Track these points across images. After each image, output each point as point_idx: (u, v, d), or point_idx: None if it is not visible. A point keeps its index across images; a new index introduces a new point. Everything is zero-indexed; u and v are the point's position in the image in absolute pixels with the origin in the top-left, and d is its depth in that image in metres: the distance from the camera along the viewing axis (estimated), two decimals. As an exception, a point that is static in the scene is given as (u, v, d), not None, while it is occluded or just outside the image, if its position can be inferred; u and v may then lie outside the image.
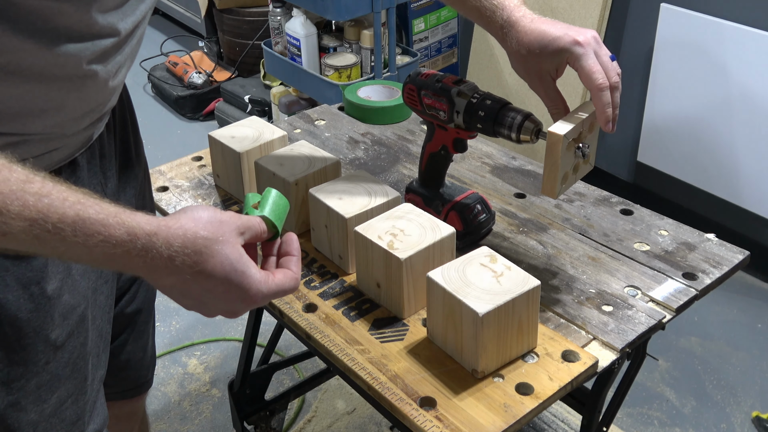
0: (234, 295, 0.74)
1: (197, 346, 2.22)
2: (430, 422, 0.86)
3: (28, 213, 0.62)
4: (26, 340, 0.82)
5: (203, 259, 0.70)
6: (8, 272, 0.79)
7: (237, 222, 0.75)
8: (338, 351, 0.97)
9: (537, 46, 0.92)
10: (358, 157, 1.41)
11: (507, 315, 0.90)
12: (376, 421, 1.93)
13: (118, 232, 0.66)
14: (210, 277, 0.71)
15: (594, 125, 1.02)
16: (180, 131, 3.40)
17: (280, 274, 0.78)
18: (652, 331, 1.00)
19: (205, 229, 0.71)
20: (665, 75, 2.34)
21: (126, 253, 0.67)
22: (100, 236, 0.65)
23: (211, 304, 0.75)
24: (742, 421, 1.93)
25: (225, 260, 0.72)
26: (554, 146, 0.95)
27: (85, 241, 0.65)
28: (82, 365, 0.89)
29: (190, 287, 0.72)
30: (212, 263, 0.71)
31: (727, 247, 1.14)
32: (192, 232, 0.70)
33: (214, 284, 0.72)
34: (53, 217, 0.63)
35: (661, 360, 2.11)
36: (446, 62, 3.12)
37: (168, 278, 0.71)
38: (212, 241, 0.71)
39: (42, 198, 0.63)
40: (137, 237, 0.67)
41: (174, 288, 0.72)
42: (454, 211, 1.15)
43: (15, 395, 0.82)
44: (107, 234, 0.65)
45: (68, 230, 0.64)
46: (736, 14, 2.13)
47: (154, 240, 0.68)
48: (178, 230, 0.70)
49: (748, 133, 2.19)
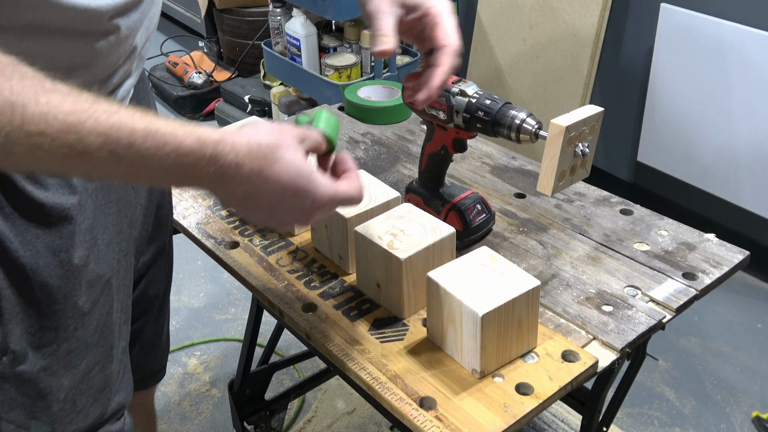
0: (302, 200, 0.75)
1: (197, 346, 2.22)
2: (430, 422, 0.86)
3: (101, 128, 0.64)
4: (56, 305, 0.84)
5: (268, 164, 0.72)
6: (39, 239, 0.81)
7: (296, 130, 0.77)
8: (338, 351, 0.97)
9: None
10: (358, 157, 1.41)
11: (507, 315, 0.90)
12: (376, 421, 1.93)
13: (187, 140, 0.68)
14: (277, 181, 0.73)
15: (594, 128, 1.02)
16: (180, 131, 3.40)
17: (345, 182, 0.80)
18: (652, 331, 1.00)
19: (267, 137, 0.73)
20: (665, 75, 2.34)
21: (196, 162, 0.68)
22: (170, 146, 0.67)
23: (282, 213, 0.76)
24: (742, 421, 1.93)
25: (290, 164, 0.73)
26: (555, 138, 0.95)
27: (156, 152, 0.66)
28: (108, 333, 0.91)
29: (259, 196, 0.74)
30: (278, 168, 0.73)
31: (727, 247, 1.14)
32: (255, 139, 0.72)
33: (282, 189, 0.74)
34: (125, 131, 0.65)
35: (661, 360, 2.11)
36: (446, 62, 3.12)
37: (238, 188, 0.72)
38: (275, 147, 0.73)
39: (112, 114, 0.65)
40: (206, 144, 0.69)
41: (245, 200, 0.74)
42: (454, 211, 1.15)
43: (47, 360, 0.85)
44: (177, 143, 0.67)
45: (140, 141, 0.65)
46: (736, 14, 2.13)
47: (221, 147, 0.70)
48: (242, 138, 0.72)
49: (748, 133, 2.19)
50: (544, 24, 2.60)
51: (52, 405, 0.88)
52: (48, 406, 0.87)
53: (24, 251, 0.80)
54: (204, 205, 1.28)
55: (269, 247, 1.17)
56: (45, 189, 0.80)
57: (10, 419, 0.86)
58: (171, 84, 3.52)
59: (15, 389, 0.85)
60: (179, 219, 1.25)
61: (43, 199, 0.80)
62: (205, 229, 1.22)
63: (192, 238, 1.22)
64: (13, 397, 0.85)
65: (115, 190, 0.92)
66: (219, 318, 2.32)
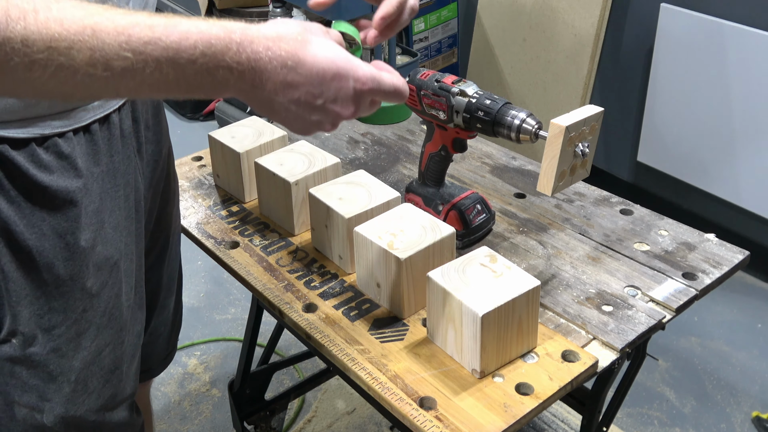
0: (345, 81, 0.70)
1: (197, 346, 2.22)
2: (430, 422, 0.86)
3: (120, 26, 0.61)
4: (64, 287, 0.85)
5: (302, 46, 0.68)
6: (44, 222, 0.82)
7: (321, 26, 0.74)
8: (338, 351, 0.97)
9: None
10: (358, 157, 1.41)
11: (507, 315, 0.90)
12: (376, 421, 1.93)
13: (212, 29, 0.65)
14: (315, 62, 0.69)
15: (594, 128, 1.02)
16: (180, 131, 3.40)
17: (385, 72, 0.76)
18: (652, 331, 1.00)
19: (294, 27, 0.69)
20: (665, 75, 2.34)
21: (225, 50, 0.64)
22: (195, 35, 0.64)
23: (326, 102, 0.71)
24: (742, 421, 1.93)
25: (324, 44, 0.70)
26: (555, 138, 0.95)
27: (182, 43, 0.63)
28: (117, 315, 0.92)
29: (299, 85, 0.69)
30: (313, 48, 0.69)
31: (727, 247, 1.14)
32: (282, 26, 0.69)
33: (322, 70, 0.69)
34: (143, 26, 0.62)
35: (661, 360, 2.11)
36: (446, 62, 3.12)
37: (274, 76, 0.67)
38: (305, 31, 0.70)
39: (127, 15, 0.63)
40: (232, 30, 0.65)
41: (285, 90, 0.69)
42: (454, 211, 1.15)
43: (56, 341, 0.86)
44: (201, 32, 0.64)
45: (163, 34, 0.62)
46: (736, 14, 2.13)
47: (248, 33, 0.66)
48: (267, 27, 0.68)
49: (748, 133, 2.19)
50: (544, 24, 2.60)
51: (63, 386, 0.88)
52: (60, 388, 0.88)
53: (30, 234, 0.81)
54: (204, 205, 1.28)
55: (269, 247, 1.17)
56: (50, 172, 0.81)
57: (23, 403, 0.87)
58: (171, 84, 3.52)
59: (27, 372, 0.86)
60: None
61: (47, 182, 0.80)
62: (205, 229, 1.22)
63: (192, 238, 1.22)
64: (25, 380, 0.86)
65: (122, 174, 0.92)
66: (219, 318, 2.32)
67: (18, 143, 0.78)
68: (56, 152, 0.81)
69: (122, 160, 0.92)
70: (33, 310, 0.84)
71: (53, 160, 0.81)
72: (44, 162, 0.80)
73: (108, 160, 0.89)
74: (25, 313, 0.84)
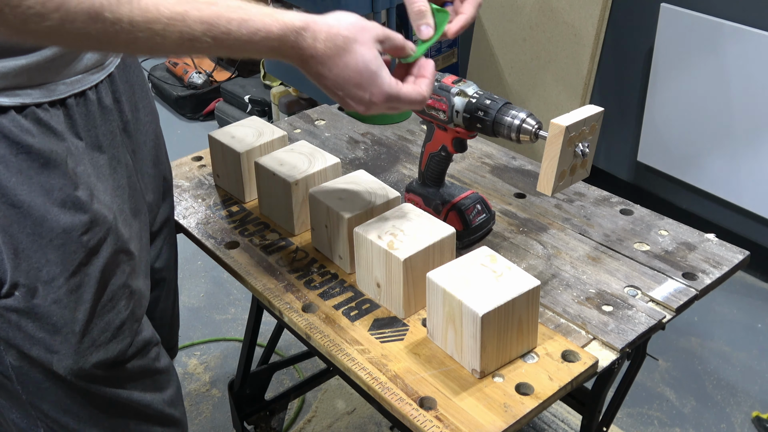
0: (362, 92, 0.87)
1: (197, 346, 2.22)
2: (430, 422, 0.86)
3: (204, 17, 0.76)
4: (58, 240, 0.89)
5: (341, 53, 0.84)
6: (32, 180, 0.87)
7: (378, 31, 0.87)
8: (338, 351, 0.97)
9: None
10: (358, 157, 1.41)
11: (507, 315, 0.90)
12: (376, 421, 1.93)
13: (275, 27, 0.81)
14: (344, 70, 0.85)
15: (594, 128, 1.02)
16: (180, 131, 3.40)
17: (408, 85, 0.90)
18: (652, 331, 1.00)
19: (347, 30, 0.85)
20: (665, 75, 2.34)
21: (282, 46, 0.82)
22: (261, 32, 0.80)
23: (345, 97, 0.88)
24: (742, 421, 1.93)
25: (360, 58, 0.85)
26: (555, 138, 0.95)
27: (250, 38, 0.80)
28: (118, 273, 0.96)
29: (328, 79, 0.86)
30: (347, 58, 0.85)
31: (727, 247, 1.15)
32: (335, 28, 0.84)
33: (346, 78, 0.86)
34: (223, 20, 0.77)
35: (661, 360, 2.11)
36: (446, 62, 3.12)
37: (314, 67, 0.85)
38: (351, 40, 0.85)
39: (212, 6, 0.77)
40: (290, 31, 0.82)
41: (319, 78, 0.86)
42: (454, 211, 1.15)
43: (56, 292, 0.90)
44: (267, 30, 0.80)
45: (236, 29, 0.78)
46: (736, 14, 2.13)
47: (303, 34, 0.83)
48: (323, 26, 0.84)
49: (748, 133, 2.19)
50: (544, 24, 2.60)
51: (69, 338, 0.92)
52: (66, 339, 0.92)
53: (21, 189, 0.86)
54: (204, 205, 1.28)
55: (269, 247, 1.17)
56: (32, 136, 0.86)
57: (33, 355, 0.91)
58: (171, 84, 3.52)
59: (32, 324, 0.90)
60: (179, 219, 1.25)
61: (31, 143, 0.86)
62: (205, 229, 1.22)
63: (192, 238, 1.22)
64: (32, 333, 0.90)
65: (107, 148, 0.97)
66: (219, 318, 2.32)
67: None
68: (35, 119, 0.87)
69: (105, 135, 0.97)
70: (31, 263, 0.88)
71: (33, 126, 0.86)
72: (25, 127, 0.86)
73: (87, 134, 0.94)
74: (24, 266, 0.88)
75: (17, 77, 0.85)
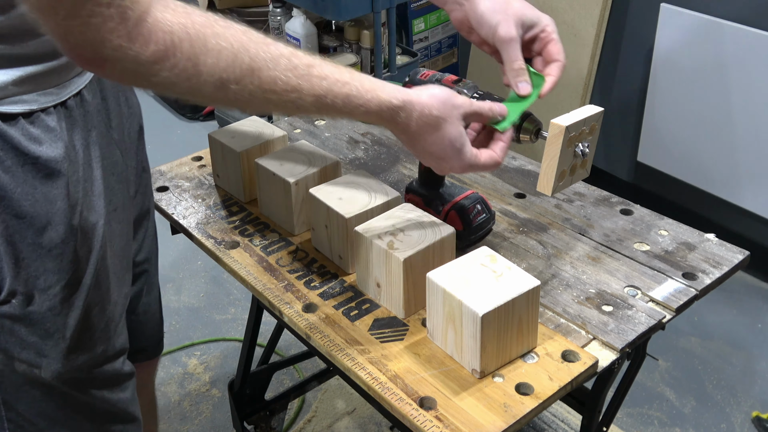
0: (444, 163, 0.97)
1: (197, 346, 2.22)
2: (430, 422, 0.86)
3: (315, 92, 0.85)
4: (56, 250, 0.92)
5: (431, 130, 0.93)
6: (36, 190, 0.89)
7: (467, 108, 0.95)
8: (338, 351, 0.97)
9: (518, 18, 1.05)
10: (358, 157, 1.41)
11: (507, 315, 0.90)
12: (376, 421, 1.93)
13: (373, 105, 0.90)
14: (433, 144, 0.94)
15: (594, 128, 1.02)
16: (180, 131, 3.40)
17: (486, 154, 0.98)
18: (652, 331, 1.00)
19: (438, 109, 0.92)
20: (665, 75, 2.34)
21: (379, 119, 0.92)
22: (361, 108, 0.89)
23: (432, 163, 0.98)
24: (742, 421, 1.93)
25: (447, 136, 0.94)
26: (555, 138, 0.95)
27: (351, 112, 0.89)
28: (104, 277, 0.99)
29: (416, 148, 0.97)
30: (436, 136, 0.94)
31: (727, 247, 1.14)
32: (428, 108, 0.92)
33: (431, 152, 0.95)
34: (330, 97, 0.86)
35: (661, 360, 2.11)
36: (446, 62, 3.12)
37: (407, 139, 0.95)
38: (442, 120, 0.93)
39: (322, 81, 0.85)
40: (387, 109, 0.91)
41: (411, 143, 0.96)
42: (454, 211, 1.15)
43: (51, 301, 0.93)
44: (366, 107, 0.89)
45: (340, 104, 0.88)
46: (736, 14, 2.13)
47: (399, 112, 0.91)
48: (417, 105, 0.92)
49: (748, 133, 2.19)
50: (544, 24, 2.60)
51: (59, 343, 0.95)
52: (56, 344, 0.95)
53: (25, 200, 0.88)
54: (204, 205, 1.28)
55: (269, 247, 1.17)
56: (39, 144, 0.88)
57: (22, 359, 0.94)
58: (171, 84, 3.52)
59: (25, 329, 0.92)
60: (179, 219, 1.25)
61: (38, 153, 0.88)
62: (205, 229, 1.22)
63: (192, 238, 1.22)
64: (24, 338, 0.93)
65: (98, 147, 0.98)
66: (219, 318, 2.32)
67: (8, 117, 0.86)
68: (42, 125, 0.88)
69: (98, 133, 0.99)
70: (30, 272, 0.90)
71: (41, 133, 0.88)
72: (33, 135, 0.87)
73: (85, 134, 0.95)
74: (23, 275, 0.90)
75: (25, 84, 0.86)
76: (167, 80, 0.75)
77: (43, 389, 0.97)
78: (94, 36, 0.70)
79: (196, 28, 0.76)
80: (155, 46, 0.72)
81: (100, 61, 0.72)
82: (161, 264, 1.36)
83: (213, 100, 0.81)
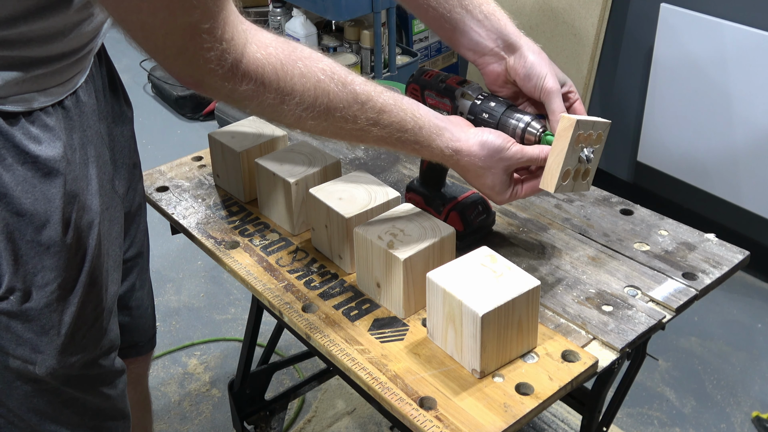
0: (490, 197, 1.05)
1: (197, 346, 2.22)
2: (430, 422, 0.86)
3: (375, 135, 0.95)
4: (55, 248, 0.93)
5: (476, 176, 1.03)
6: (36, 188, 0.90)
7: (513, 162, 1.01)
8: (338, 351, 0.97)
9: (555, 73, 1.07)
10: (358, 157, 1.41)
11: (507, 315, 0.90)
12: (376, 421, 1.93)
13: (425, 153, 1.00)
14: (478, 185, 1.04)
15: (601, 137, 1.02)
16: (180, 131, 3.40)
17: (528, 187, 1.05)
18: (652, 331, 1.00)
19: (483, 160, 1.00)
20: (665, 75, 2.34)
21: (432, 158, 1.01)
22: (416, 153, 1.00)
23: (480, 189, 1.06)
24: (742, 421, 1.93)
25: (486, 183, 1.03)
26: (565, 131, 0.95)
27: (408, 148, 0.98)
28: (98, 275, 1.00)
29: (470, 181, 1.04)
30: (480, 181, 1.03)
31: (727, 247, 1.15)
32: (476, 158, 1.00)
33: (480, 187, 1.04)
34: (390, 140, 0.96)
35: (661, 360, 2.11)
36: (446, 62, 3.13)
37: (456, 170, 1.04)
38: (485, 169, 1.01)
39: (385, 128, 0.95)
40: (440, 153, 1.00)
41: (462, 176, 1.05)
42: (454, 211, 1.15)
43: (48, 297, 0.94)
44: (421, 153, 1.00)
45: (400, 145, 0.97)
46: (736, 14, 2.13)
47: (450, 158, 1.01)
48: (465, 156, 1.00)
49: (748, 133, 2.19)
50: (544, 24, 2.60)
51: (54, 339, 0.96)
52: (51, 341, 0.96)
53: (25, 198, 0.89)
54: (204, 205, 1.28)
55: (269, 247, 1.17)
56: (39, 143, 0.89)
57: (17, 355, 0.95)
58: (171, 84, 3.52)
59: (22, 326, 0.93)
60: (179, 219, 1.25)
61: (38, 152, 0.89)
62: (205, 229, 1.22)
63: (192, 238, 1.22)
64: (20, 334, 0.94)
65: (93, 145, 1.00)
66: (219, 318, 2.32)
67: (9, 116, 0.87)
68: (42, 125, 0.90)
69: (93, 132, 1.01)
70: (28, 269, 0.92)
71: (41, 132, 0.89)
72: (33, 134, 0.89)
73: (81, 133, 0.97)
74: (22, 272, 0.91)
75: (27, 83, 0.88)
76: (255, 111, 0.88)
77: (34, 385, 0.98)
78: (194, 72, 0.81)
79: (285, 69, 0.85)
80: (247, 85, 0.83)
81: (200, 89, 0.84)
82: (161, 264, 1.36)
83: (289, 126, 0.92)
